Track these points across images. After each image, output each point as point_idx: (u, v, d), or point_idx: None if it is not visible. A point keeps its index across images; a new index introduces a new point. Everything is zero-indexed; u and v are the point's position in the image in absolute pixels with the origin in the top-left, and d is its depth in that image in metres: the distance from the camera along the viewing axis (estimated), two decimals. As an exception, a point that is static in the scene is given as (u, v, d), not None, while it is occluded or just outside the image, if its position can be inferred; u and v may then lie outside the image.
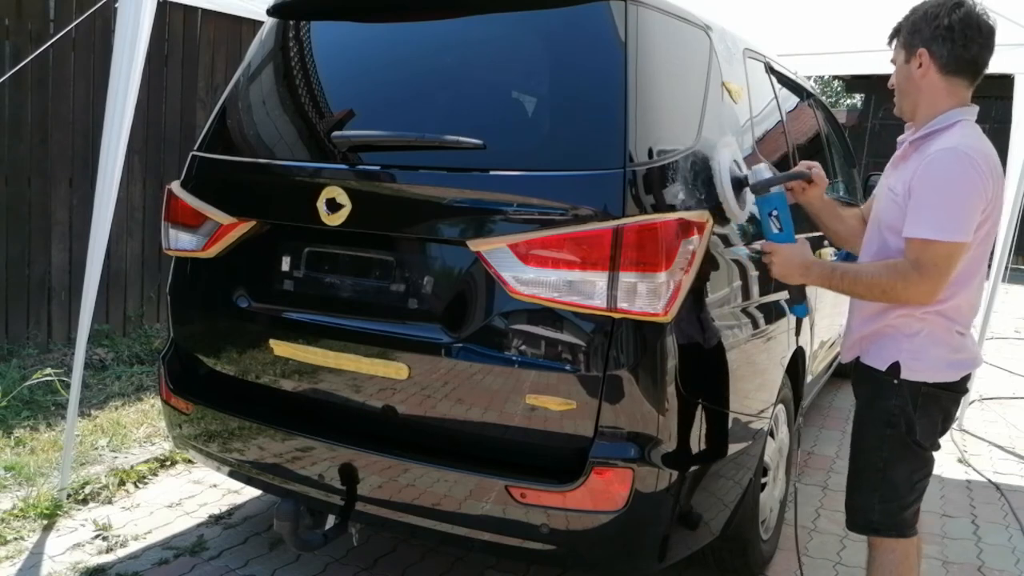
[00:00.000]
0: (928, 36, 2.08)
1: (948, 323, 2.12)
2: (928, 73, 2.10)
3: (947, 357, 2.14)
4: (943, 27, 2.06)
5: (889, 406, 2.15)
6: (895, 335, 2.15)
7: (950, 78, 2.10)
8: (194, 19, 5.78)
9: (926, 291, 2.03)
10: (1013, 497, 3.86)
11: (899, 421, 2.14)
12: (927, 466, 2.21)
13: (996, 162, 2.06)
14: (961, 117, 2.10)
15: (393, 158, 2.29)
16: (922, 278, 2.01)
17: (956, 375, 2.16)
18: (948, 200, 1.99)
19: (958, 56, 2.07)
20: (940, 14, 2.07)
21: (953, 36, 2.05)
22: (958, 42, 2.05)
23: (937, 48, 2.07)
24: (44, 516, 3.07)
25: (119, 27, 3.18)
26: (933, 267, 1.99)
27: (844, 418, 4.95)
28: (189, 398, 2.61)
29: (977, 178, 1.98)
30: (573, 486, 2.04)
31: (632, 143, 2.06)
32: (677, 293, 2.03)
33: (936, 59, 2.08)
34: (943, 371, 2.14)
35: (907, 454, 2.17)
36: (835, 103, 23.33)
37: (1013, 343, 7.65)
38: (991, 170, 2.01)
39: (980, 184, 1.98)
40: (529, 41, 2.33)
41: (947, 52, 2.07)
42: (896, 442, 2.16)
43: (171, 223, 2.63)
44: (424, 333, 2.21)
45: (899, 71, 2.18)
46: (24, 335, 5.02)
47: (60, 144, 5.09)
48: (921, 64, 2.10)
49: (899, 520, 2.20)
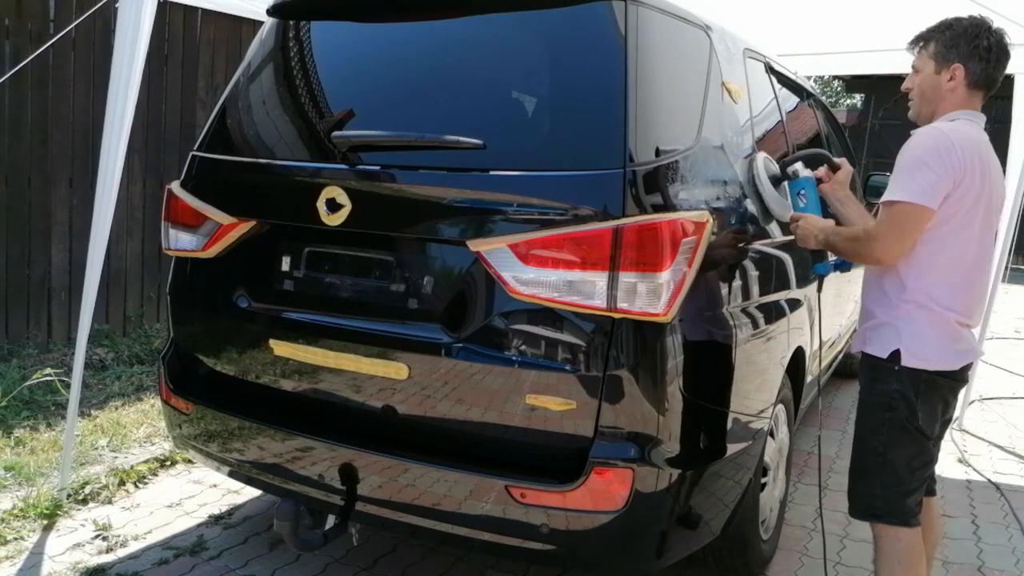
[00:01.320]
0: (966, 53, 2.21)
1: (945, 312, 2.19)
2: (957, 87, 2.24)
3: (947, 346, 2.21)
4: (983, 48, 2.20)
5: (888, 390, 2.22)
6: (895, 323, 2.23)
7: (973, 91, 2.25)
8: (194, 19, 5.78)
9: (881, 251, 2.17)
10: (1013, 497, 3.86)
11: (898, 405, 2.21)
12: (926, 453, 2.27)
13: (981, 149, 2.17)
14: (962, 116, 2.22)
15: (393, 158, 2.29)
16: (879, 239, 2.16)
17: (956, 364, 2.23)
18: (912, 166, 2.14)
19: (988, 75, 2.23)
20: (980, 35, 2.21)
21: (989, 57, 2.21)
22: (991, 63, 2.22)
23: (973, 66, 2.21)
24: (44, 516, 3.07)
25: (120, 27, 3.18)
26: (891, 228, 2.15)
27: (844, 418, 4.95)
28: (189, 398, 2.61)
29: (944, 150, 2.11)
30: (573, 486, 2.04)
31: (632, 143, 2.06)
32: (677, 293, 2.03)
33: (969, 75, 2.22)
34: (943, 359, 2.21)
35: (906, 438, 2.23)
36: (835, 103, 23.31)
37: (1013, 343, 7.64)
38: (967, 149, 2.12)
39: (946, 156, 2.10)
40: (529, 41, 2.33)
41: (980, 70, 2.22)
42: (895, 426, 2.22)
43: (171, 223, 2.63)
44: (424, 333, 2.21)
45: (927, 80, 2.29)
46: (24, 335, 5.02)
47: (60, 144, 5.09)
48: (952, 78, 2.23)
49: (901, 506, 2.25)
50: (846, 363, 5.37)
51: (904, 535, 2.24)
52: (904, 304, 2.21)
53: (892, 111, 14.75)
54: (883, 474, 2.25)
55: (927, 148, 2.13)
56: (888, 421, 2.23)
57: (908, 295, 2.20)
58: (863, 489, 2.31)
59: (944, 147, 2.11)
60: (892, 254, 2.17)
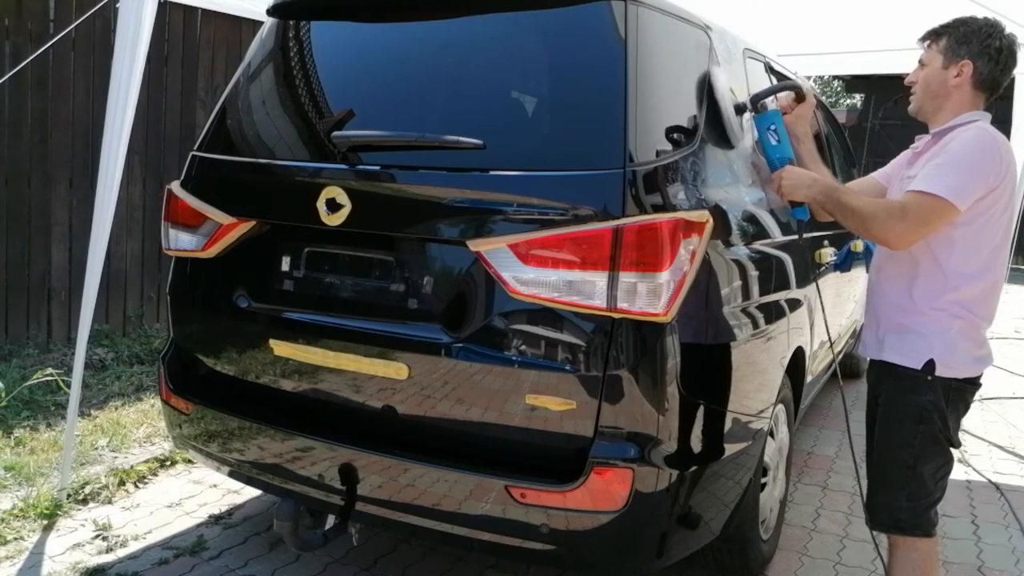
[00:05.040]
0: (977, 51, 2.19)
1: (977, 319, 2.19)
2: (963, 84, 2.21)
3: (975, 352, 2.21)
4: (994, 48, 2.18)
5: (922, 401, 2.18)
6: (924, 332, 2.19)
7: (978, 92, 2.23)
8: (194, 19, 5.78)
9: (897, 233, 2.12)
10: (1013, 497, 3.86)
11: (932, 417, 2.18)
12: (950, 462, 2.25)
13: (1012, 157, 2.16)
14: (979, 118, 2.22)
15: (393, 158, 2.29)
16: (901, 221, 2.11)
17: (980, 370, 2.24)
18: (956, 165, 2.10)
19: (995, 77, 2.21)
20: (993, 34, 2.19)
21: (999, 59, 2.19)
22: (1000, 64, 2.20)
23: (982, 65, 2.19)
24: (44, 516, 3.07)
25: (120, 27, 3.18)
26: (917, 216, 2.10)
27: (844, 418, 4.94)
28: (189, 398, 2.61)
29: (989, 157, 2.09)
30: (573, 486, 2.03)
31: (632, 143, 2.06)
32: (677, 293, 2.03)
33: (977, 73, 2.20)
34: (971, 366, 2.21)
35: (937, 450, 2.20)
36: (835, 103, 23.33)
37: (1013, 343, 7.65)
38: (1005, 158, 2.11)
39: (989, 163, 2.09)
40: (529, 41, 2.33)
41: (988, 71, 2.20)
42: (928, 438, 2.19)
43: (171, 223, 2.63)
44: (424, 333, 2.21)
45: (932, 74, 2.26)
46: (24, 335, 5.02)
47: (60, 144, 5.09)
48: (959, 74, 2.21)
49: (925, 518, 2.23)
50: (846, 363, 5.38)
51: (922, 544, 2.23)
52: (935, 312, 2.17)
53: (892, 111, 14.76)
54: (911, 486, 2.21)
55: (974, 148, 2.10)
56: (921, 433, 2.18)
57: (941, 303, 2.16)
58: (887, 501, 2.26)
59: (991, 151, 2.09)
60: (907, 241, 2.13)
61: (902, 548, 2.25)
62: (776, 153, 2.50)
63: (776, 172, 2.46)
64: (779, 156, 2.50)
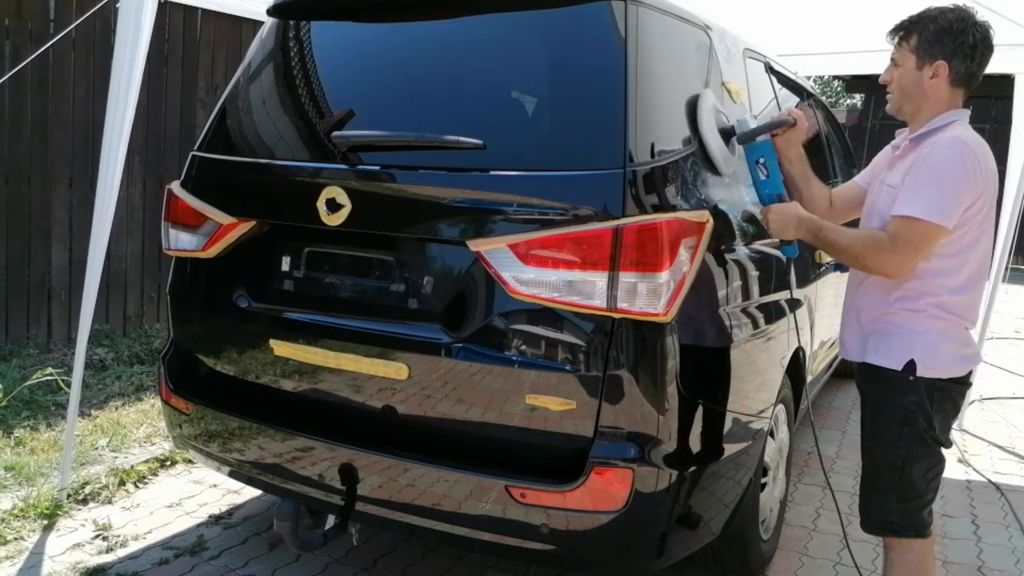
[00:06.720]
0: (951, 50, 2.13)
1: (958, 320, 2.17)
2: (939, 84, 2.16)
3: (957, 352, 2.19)
4: (968, 45, 2.12)
5: (906, 403, 2.17)
6: (904, 333, 2.18)
7: (956, 89, 2.18)
8: (194, 19, 5.79)
9: (894, 265, 2.11)
10: (1013, 497, 3.86)
11: (916, 418, 2.17)
12: (941, 463, 2.24)
13: (991, 160, 2.12)
14: (957, 118, 2.17)
15: (393, 158, 2.29)
16: (893, 252, 2.09)
17: (965, 369, 2.22)
18: (938, 184, 2.06)
19: (972, 72, 2.16)
20: (966, 30, 2.12)
21: (974, 55, 2.13)
22: (976, 60, 2.14)
23: (957, 64, 2.14)
24: (44, 516, 3.07)
25: (120, 27, 3.18)
26: (907, 243, 2.07)
27: (844, 418, 4.95)
28: (189, 398, 2.61)
29: (970, 169, 2.05)
30: (573, 486, 2.03)
31: (632, 143, 2.06)
32: (677, 293, 2.03)
33: (952, 72, 2.15)
34: (954, 366, 2.19)
35: (924, 450, 2.19)
36: (835, 103, 23.32)
37: (1013, 343, 7.64)
38: (984, 164, 2.08)
39: (972, 175, 2.05)
40: (529, 41, 2.33)
41: (964, 68, 2.15)
42: (914, 439, 2.18)
43: (171, 223, 2.63)
44: (424, 333, 2.21)
45: (906, 75, 2.21)
46: (24, 335, 5.02)
47: (60, 144, 5.09)
48: (935, 75, 2.16)
49: (918, 520, 2.22)
50: (846, 363, 5.38)
51: (917, 546, 2.22)
52: (915, 313, 2.16)
53: (892, 111, 14.72)
54: (900, 488, 2.20)
55: (953, 163, 2.05)
56: (907, 435, 2.17)
57: (920, 304, 2.15)
58: (878, 504, 2.26)
59: (971, 163, 2.05)
60: (903, 269, 2.11)
61: (897, 550, 2.25)
62: (765, 188, 2.40)
63: (764, 209, 2.39)
64: (768, 192, 2.40)
